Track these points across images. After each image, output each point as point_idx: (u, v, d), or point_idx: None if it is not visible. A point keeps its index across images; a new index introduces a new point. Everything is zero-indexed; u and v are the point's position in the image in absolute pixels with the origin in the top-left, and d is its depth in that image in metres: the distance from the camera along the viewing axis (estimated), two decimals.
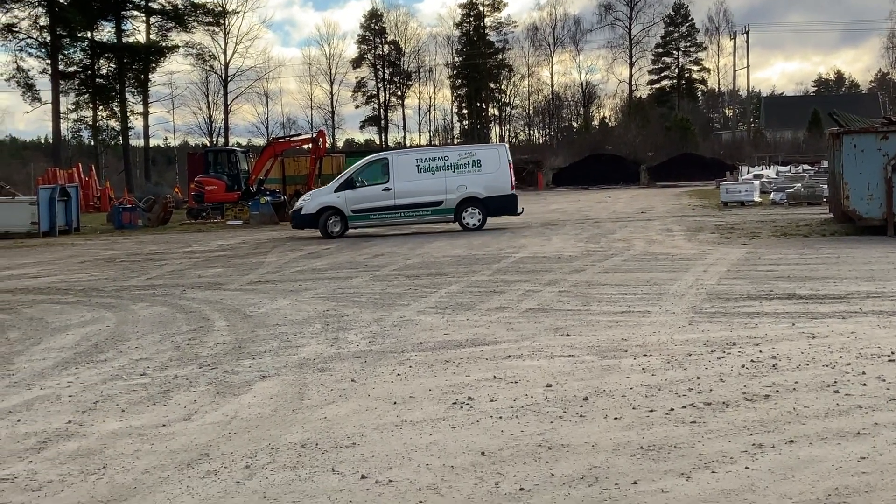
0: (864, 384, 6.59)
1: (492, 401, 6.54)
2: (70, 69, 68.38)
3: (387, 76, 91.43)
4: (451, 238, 21.69)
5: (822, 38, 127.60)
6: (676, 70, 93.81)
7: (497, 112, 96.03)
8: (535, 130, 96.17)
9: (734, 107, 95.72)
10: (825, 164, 36.52)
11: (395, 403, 6.59)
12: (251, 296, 12.82)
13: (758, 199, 32.04)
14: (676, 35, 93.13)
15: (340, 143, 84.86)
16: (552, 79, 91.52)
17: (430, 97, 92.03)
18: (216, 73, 77.37)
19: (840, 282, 11.79)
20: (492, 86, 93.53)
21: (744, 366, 7.28)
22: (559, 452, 5.33)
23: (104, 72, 69.90)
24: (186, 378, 7.70)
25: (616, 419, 5.95)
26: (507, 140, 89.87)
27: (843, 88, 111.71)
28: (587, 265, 14.74)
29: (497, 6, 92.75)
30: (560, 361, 7.74)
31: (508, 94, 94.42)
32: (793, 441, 5.37)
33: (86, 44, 68.37)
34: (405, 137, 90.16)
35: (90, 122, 70.16)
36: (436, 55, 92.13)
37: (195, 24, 72.68)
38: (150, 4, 69.92)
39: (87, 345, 9.48)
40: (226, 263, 17.85)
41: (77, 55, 69.06)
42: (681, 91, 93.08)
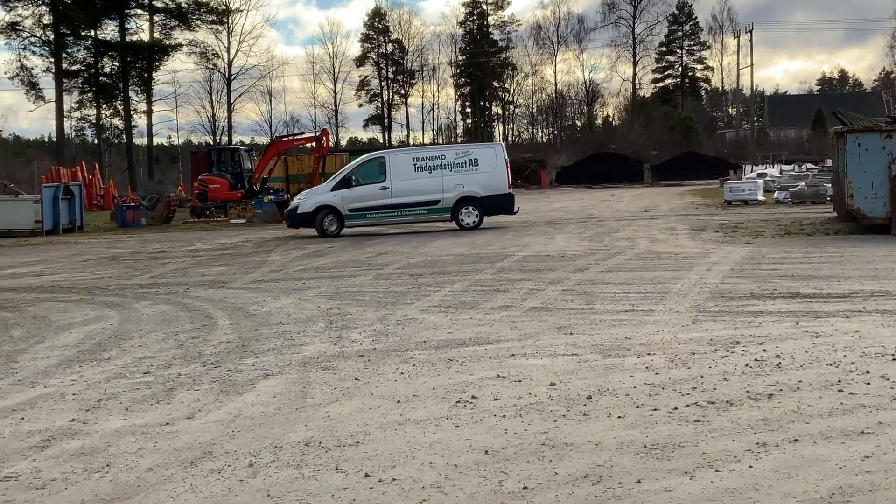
0: (868, 383, 6.58)
1: (495, 399, 6.54)
2: (73, 67, 68.40)
3: (390, 75, 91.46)
4: (454, 237, 21.68)
5: (826, 37, 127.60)
6: (680, 69, 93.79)
7: (500, 111, 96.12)
8: (539, 129, 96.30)
9: (738, 105, 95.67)
10: (829, 163, 36.43)
11: (399, 402, 6.59)
12: (254, 294, 12.83)
13: (761, 198, 32.00)
14: (680, 33, 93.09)
15: (344, 142, 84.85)
16: (556, 77, 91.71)
17: (434, 96, 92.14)
18: (219, 72, 77.46)
19: (844, 281, 11.77)
20: (495, 84, 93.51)
21: (747, 365, 7.27)
22: (563, 451, 5.33)
23: (108, 70, 69.98)
24: (190, 376, 7.70)
25: (620, 418, 5.95)
26: (511, 139, 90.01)
27: (847, 87, 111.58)
28: (591, 264, 14.73)
29: (500, 5, 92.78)
30: (563, 360, 7.74)
31: (512, 93, 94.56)
32: (797, 440, 5.37)
33: (89, 42, 68.40)
34: (408, 136, 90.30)
35: (94, 121, 70.26)
36: (439, 53, 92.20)
37: (199, 23, 72.75)
38: (154, 3, 69.95)
39: (91, 343, 9.49)
40: (229, 262, 17.86)
41: (80, 53, 69.18)
42: (684, 90, 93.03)
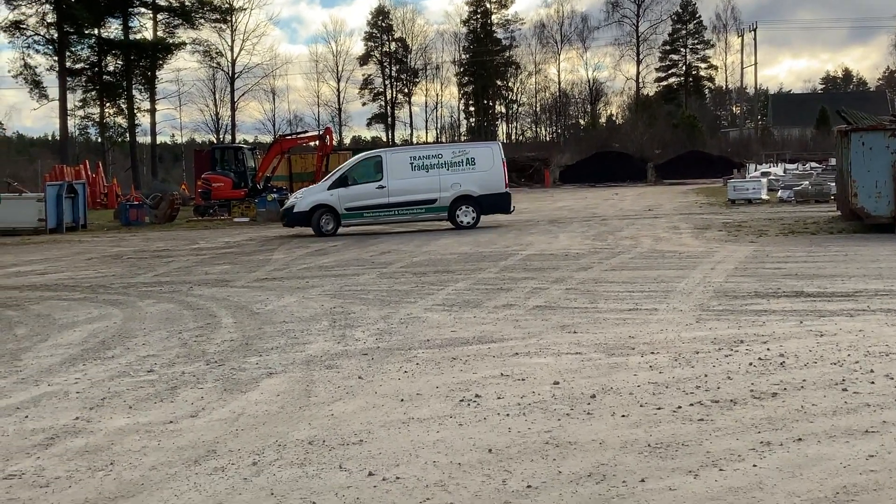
0: (873, 382, 6.57)
1: (499, 398, 6.54)
2: (77, 66, 68.45)
3: (394, 73, 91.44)
4: (458, 235, 21.67)
5: (831, 36, 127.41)
6: (684, 67, 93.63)
7: (504, 109, 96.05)
8: (542, 128, 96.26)
9: (742, 104, 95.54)
10: (833, 162, 36.38)
11: (403, 401, 6.59)
12: (258, 293, 12.83)
13: (765, 197, 31.97)
14: (684, 32, 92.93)
15: (347, 141, 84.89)
16: (559, 76, 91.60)
17: (437, 94, 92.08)
18: (223, 70, 77.46)
19: (848, 280, 11.76)
20: (499, 83, 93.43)
21: (751, 364, 7.26)
22: (567, 450, 5.33)
23: (111, 69, 70.03)
24: (194, 375, 7.71)
25: (623, 417, 5.95)
26: (514, 137, 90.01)
27: (852, 86, 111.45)
28: (594, 263, 14.73)
29: (504, 3, 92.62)
30: (567, 359, 7.74)
31: (515, 92, 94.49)
32: (801, 439, 5.36)
33: (93, 41, 68.43)
34: (412, 134, 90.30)
35: (97, 119, 70.29)
36: (443, 52, 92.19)
37: (202, 21, 72.77)
38: (158, 1, 69.94)
39: (95, 341, 9.50)
40: (233, 260, 17.87)
41: (84, 52, 69.23)
42: (688, 88, 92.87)
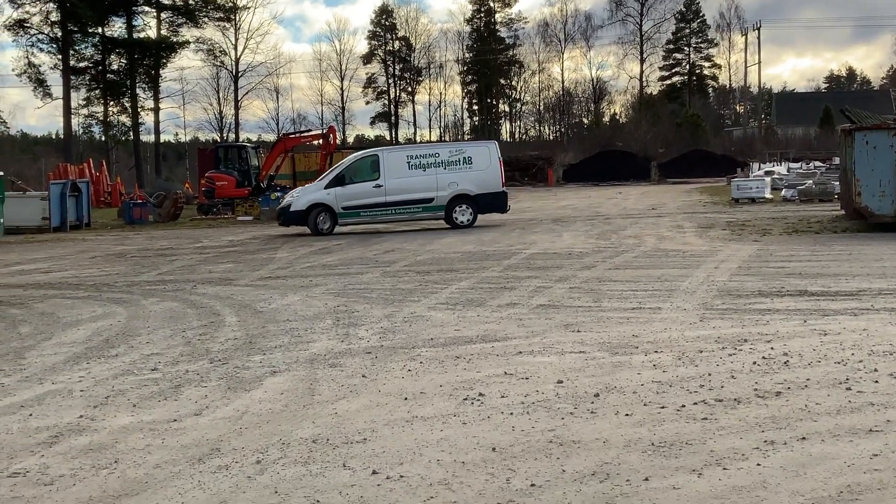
0: (877, 381, 6.57)
1: (502, 397, 6.54)
2: (81, 65, 68.54)
3: (397, 72, 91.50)
4: (461, 234, 21.67)
5: (834, 35, 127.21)
6: (687, 66, 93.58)
7: (507, 108, 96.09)
8: (546, 127, 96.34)
9: (745, 103, 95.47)
10: (836, 161, 36.38)
11: (406, 399, 6.59)
12: (262, 291, 12.84)
13: (769, 196, 31.93)
14: (687, 31, 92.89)
15: (351, 139, 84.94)
16: (563, 75, 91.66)
17: (441, 93, 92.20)
18: (227, 69, 77.66)
19: (852, 279, 11.75)
20: (502, 82, 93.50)
21: (755, 363, 7.26)
22: (570, 449, 5.33)
23: (115, 67, 70.06)
24: (197, 373, 7.72)
25: (627, 416, 5.94)
26: (518, 136, 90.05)
27: (855, 85, 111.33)
28: (598, 262, 14.72)
29: (508, 2, 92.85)
30: (571, 358, 7.74)
31: (519, 91, 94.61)
32: (805, 438, 5.36)
33: (97, 39, 68.48)
34: (415, 133, 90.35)
35: (101, 118, 70.30)
36: (446, 51, 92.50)
37: (206, 20, 72.83)
38: (161, 0, 70.03)
39: (99, 340, 9.51)
40: (236, 259, 17.88)
41: (88, 51, 69.32)
42: (692, 87, 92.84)
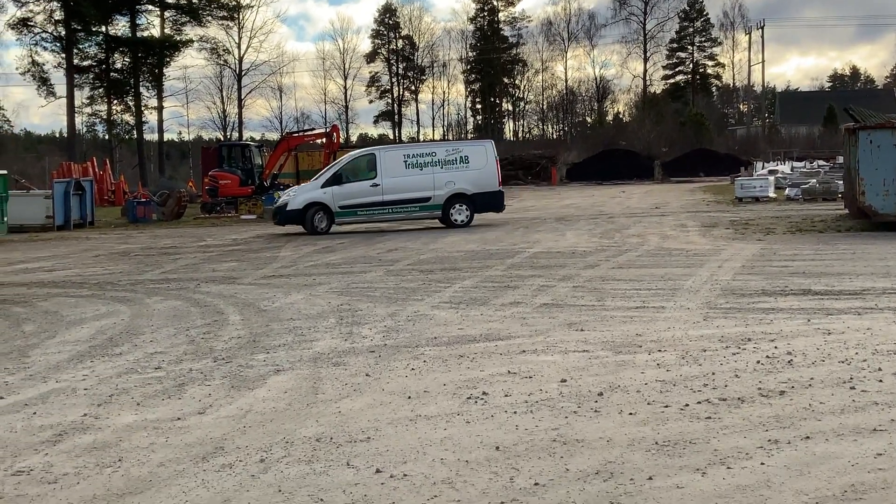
0: (881, 380, 6.56)
1: (506, 396, 6.54)
2: (85, 63, 68.54)
3: (400, 71, 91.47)
4: (465, 233, 21.68)
5: (838, 34, 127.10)
6: (691, 65, 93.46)
7: (511, 107, 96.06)
8: (549, 125, 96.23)
9: (749, 102, 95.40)
10: (840, 160, 36.30)
11: (410, 398, 6.60)
12: (265, 290, 12.85)
13: (772, 195, 31.91)
14: (691, 30, 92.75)
15: (354, 138, 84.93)
16: (566, 74, 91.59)
17: (444, 92, 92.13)
18: (230, 68, 77.58)
19: (856, 278, 11.73)
20: (505, 81, 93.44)
21: (759, 362, 7.26)
22: (574, 447, 5.33)
23: (119, 66, 70.06)
24: (201, 372, 7.72)
25: (631, 414, 5.94)
26: (521, 135, 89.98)
27: (859, 84, 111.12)
28: (601, 260, 14.71)
29: (511, 1, 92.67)
30: (574, 356, 7.74)
31: (522, 89, 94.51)
32: (808, 437, 5.36)
33: (100, 38, 68.50)
34: (418, 132, 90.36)
35: (105, 117, 70.37)
36: (450, 50, 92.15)
37: (209, 19, 72.79)
38: None
39: (102, 338, 9.52)
40: (240, 258, 17.89)
41: (92, 49, 69.28)
42: (695, 86, 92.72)
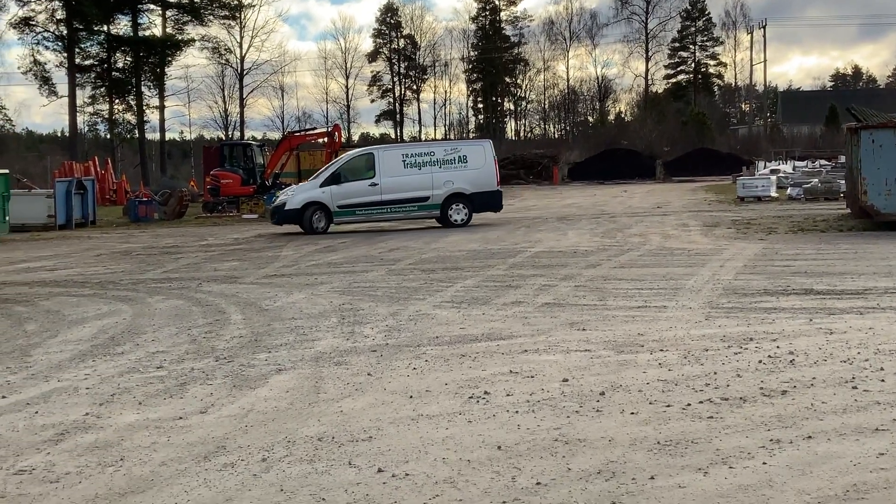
0: (883, 380, 6.56)
1: (508, 395, 6.54)
2: (86, 63, 68.43)
3: (402, 70, 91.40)
4: (466, 232, 21.68)
5: (840, 33, 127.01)
6: (693, 65, 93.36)
7: (512, 106, 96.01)
8: (551, 125, 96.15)
9: (751, 101, 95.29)
10: (842, 160, 36.29)
11: (412, 397, 6.60)
12: (267, 289, 12.85)
13: (774, 195, 31.89)
14: (693, 29, 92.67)
15: (356, 137, 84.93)
16: (568, 73, 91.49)
17: (446, 91, 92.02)
18: (232, 67, 77.45)
19: (857, 277, 11.73)
20: (507, 80, 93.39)
21: (761, 361, 7.25)
22: (576, 447, 5.33)
23: (120, 65, 69.98)
24: (203, 371, 7.72)
25: (633, 414, 5.94)
26: (523, 134, 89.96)
27: (861, 83, 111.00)
28: (603, 260, 14.71)
29: (513, 0, 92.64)
30: (576, 356, 7.73)
31: (524, 89, 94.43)
32: (810, 437, 5.35)
33: (102, 37, 68.40)
34: (420, 131, 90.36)
35: (106, 116, 70.32)
36: (451, 49, 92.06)
37: (211, 18, 72.63)
38: None
39: (104, 337, 9.52)
40: (241, 257, 17.89)
41: (93, 49, 69.17)
42: (697, 86, 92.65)
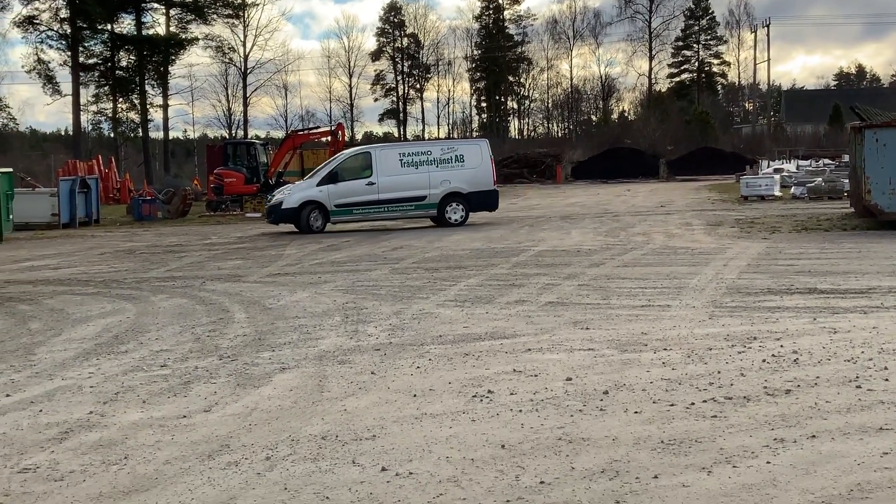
0: (887, 379, 6.55)
1: (512, 394, 6.54)
2: (90, 61, 68.49)
3: (406, 69, 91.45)
4: (470, 231, 21.68)
5: (844, 32, 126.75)
6: (696, 63, 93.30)
7: (516, 105, 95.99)
8: (554, 124, 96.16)
9: (754, 100, 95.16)
10: (846, 159, 36.25)
11: (415, 396, 6.60)
12: (270, 288, 12.86)
13: (778, 194, 31.85)
14: (696, 28, 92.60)
15: (359, 136, 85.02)
16: (571, 72, 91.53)
17: (449, 90, 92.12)
18: (235, 66, 77.58)
19: (861, 276, 11.71)
20: (511, 79, 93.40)
21: (765, 360, 7.25)
22: (579, 446, 5.33)
23: (124, 64, 70.01)
24: (207, 370, 7.73)
25: (636, 413, 5.94)
26: (526, 133, 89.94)
27: (865, 82, 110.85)
28: (606, 259, 14.70)
29: None
30: (580, 355, 7.73)
31: (527, 88, 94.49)
32: (814, 436, 5.35)
33: (106, 36, 68.45)
34: (424, 130, 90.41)
35: (110, 115, 70.36)
36: (455, 48, 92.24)
37: (215, 17, 72.67)
38: None
39: (108, 336, 9.53)
40: (245, 255, 17.90)
41: (97, 47, 69.23)
42: (700, 85, 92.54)
